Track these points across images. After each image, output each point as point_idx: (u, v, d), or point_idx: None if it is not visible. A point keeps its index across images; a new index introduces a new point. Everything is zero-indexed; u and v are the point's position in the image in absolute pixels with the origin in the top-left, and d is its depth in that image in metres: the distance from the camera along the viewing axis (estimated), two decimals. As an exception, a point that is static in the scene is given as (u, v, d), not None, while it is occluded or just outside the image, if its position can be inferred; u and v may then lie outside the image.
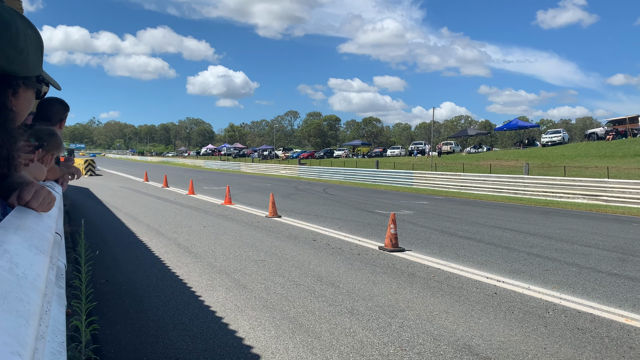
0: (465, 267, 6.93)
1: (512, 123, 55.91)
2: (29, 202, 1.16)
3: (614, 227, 11.63)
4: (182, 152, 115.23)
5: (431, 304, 5.20)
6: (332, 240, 8.97)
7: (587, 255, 8.01)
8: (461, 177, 24.63)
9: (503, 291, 5.77)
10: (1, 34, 1.02)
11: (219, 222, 11.10)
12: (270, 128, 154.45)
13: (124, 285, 5.79)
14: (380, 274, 6.47)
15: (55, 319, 1.62)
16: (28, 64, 1.09)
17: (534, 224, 11.89)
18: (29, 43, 1.09)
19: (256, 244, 8.53)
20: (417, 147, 60.86)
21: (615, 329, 4.52)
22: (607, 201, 17.68)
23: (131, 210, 13.29)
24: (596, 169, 26.34)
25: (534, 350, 3.98)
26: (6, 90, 1.08)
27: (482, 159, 41.85)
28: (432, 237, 9.52)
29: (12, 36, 1.03)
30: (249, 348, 3.91)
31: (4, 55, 1.03)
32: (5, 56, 1.03)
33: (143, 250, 7.89)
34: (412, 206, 15.99)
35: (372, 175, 30.72)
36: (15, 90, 1.10)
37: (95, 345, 3.85)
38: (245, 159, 71.13)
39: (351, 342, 4.08)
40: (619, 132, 41.96)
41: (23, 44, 1.06)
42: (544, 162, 33.70)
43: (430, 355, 3.84)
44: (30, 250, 0.87)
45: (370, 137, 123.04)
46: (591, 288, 5.95)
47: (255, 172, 45.70)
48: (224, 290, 5.59)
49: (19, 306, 0.60)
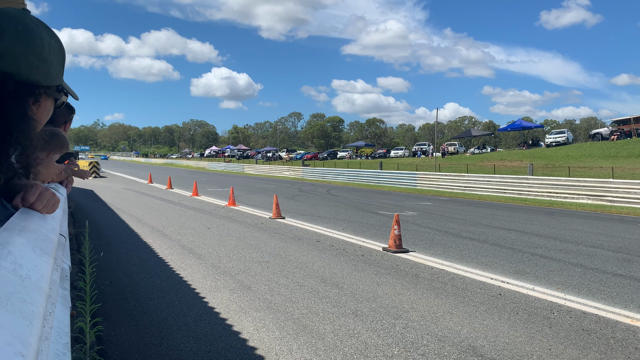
0: (469, 268, 6.92)
1: (516, 124, 55.78)
2: (33, 204, 1.17)
3: (619, 228, 11.57)
4: (186, 153, 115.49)
5: (435, 305, 5.19)
6: (336, 242, 8.97)
7: (591, 255, 7.97)
8: (465, 178, 24.57)
9: (507, 292, 5.75)
10: (27, 43, 1.04)
11: (223, 224, 11.11)
12: (274, 129, 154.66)
13: (128, 286, 5.81)
14: (384, 275, 6.46)
15: (59, 320, 1.62)
16: (50, 74, 1.11)
17: (538, 225, 11.84)
18: (52, 53, 1.11)
19: (260, 245, 8.53)
20: (421, 148, 60.75)
21: (620, 330, 4.50)
22: (611, 201, 17.60)
23: (135, 212, 13.32)
24: (601, 169, 26.23)
25: (539, 351, 3.97)
26: (28, 98, 1.09)
27: (485, 159, 41.76)
28: (436, 238, 9.50)
29: (37, 46, 1.06)
30: (253, 349, 3.91)
31: (28, 64, 1.05)
32: (30, 65, 1.05)
33: (147, 251, 7.90)
34: (416, 207, 15.96)
35: (375, 176, 30.68)
36: (37, 98, 1.12)
37: (99, 346, 3.86)
38: (249, 161, 71.23)
39: (355, 343, 4.07)
40: (623, 132, 41.77)
41: (47, 53, 1.09)
42: (548, 163, 33.58)
43: (434, 356, 3.83)
44: (34, 252, 0.87)
45: (373, 138, 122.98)
46: (596, 289, 5.92)
47: (259, 174, 45.74)
48: (228, 291, 5.60)
49: (22, 307, 0.61)
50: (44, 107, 1.15)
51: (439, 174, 26.85)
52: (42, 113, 1.16)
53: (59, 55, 1.14)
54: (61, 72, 1.18)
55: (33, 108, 1.11)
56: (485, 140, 75.33)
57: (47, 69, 1.09)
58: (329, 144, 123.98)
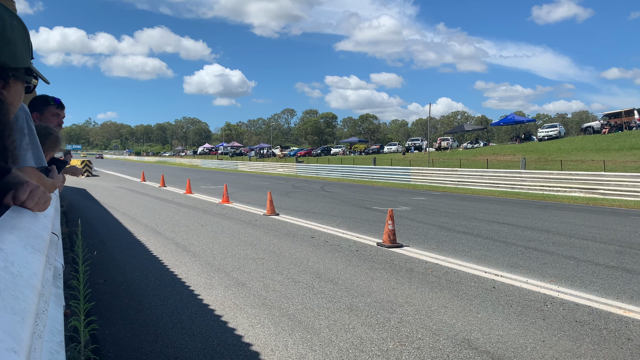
0: (463, 262, 6.95)
1: (509, 118, 55.96)
2: (25, 202, 1.16)
3: (611, 220, 11.67)
4: (178, 151, 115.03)
5: (430, 299, 5.21)
6: (330, 237, 8.98)
7: (584, 248, 8.03)
8: (458, 172, 24.66)
9: (501, 285, 5.79)
10: None
11: (217, 221, 11.09)
12: (267, 126, 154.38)
13: (122, 285, 5.79)
14: (379, 270, 6.48)
15: (53, 318, 1.62)
16: (16, 55, 1.09)
17: (531, 218, 11.92)
18: (15, 34, 1.08)
19: (254, 242, 8.53)
20: (414, 143, 60.86)
21: (613, 321, 4.54)
22: (603, 194, 17.74)
23: (129, 210, 13.27)
24: (592, 162, 26.41)
25: (533, 343, 4.00)
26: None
27: (479, 154, 41.90)
28: (429, 233, 9.54)
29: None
30: (248, 345, 3.91)
31: None
32: None
33: (141, 250, 7.88)
34: (410, 202, 16.01)
35: (369, 172, 30.74)
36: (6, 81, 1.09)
37: (94, 345, 3.85)
38: (243, 158, 71.08)
39: (350, 338, 4.08)
40: (614, 126, 42.06)
41: (10, 34, 1.06)
42: (541, 157, 33.76)
43: (429, 350, 3.85)
44: (25, 249, 0.87)
45: (367, 134, 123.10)
46: (589, 281, 5.97)
47: (253, 171, 45.67)
48: (223, 288, 5.60)
49: (14, 304, 0.60)
50: (14, 90, 1.13)
51: (432, 169, 26.93)
52: (13, 96, 1.14)
53: (22, 35, 1.11)
54: (27, 53, 1.15)
55: (4, 92, 1.09)
56: (478, 134, 75.59)
57: (12, 51, 1.07)
58: (322, 140, 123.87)
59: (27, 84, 1.20)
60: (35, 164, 1.88)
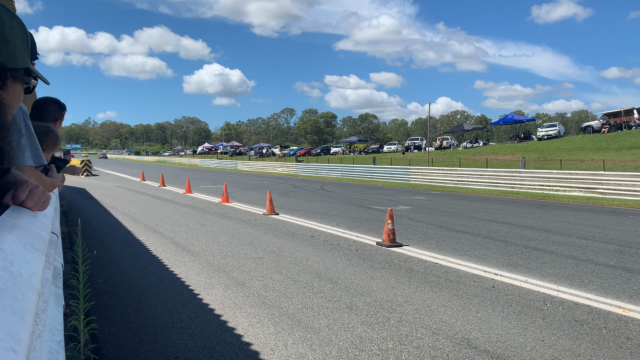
0: (462, 261, 6.95)
1: (508, 117, 55.99)
2: (24, 202, 1.16)
3: (611, 220, 11.68)
4: (178, 151, 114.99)
5: (429, 299, 5.21)
6: (330, 237, 8.98)
7: (584, 247, 8.04)
8: (458, 171, 24.67)
9: (501, 284, 5.79)
10: None
11: (216, 221, 11.09)
12: (267, 126, 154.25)
13: (122, 284, 5.79)
14: (379, 270, 6.48)
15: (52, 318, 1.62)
16: (15, 56, 1.08)
17: (530, 218, 11.92)
18: (14, 34, 1.08)
19: (254, 241, 8.53)
20: (414, 143, 60.86)
21: (612, 320, 4.54)
22: (603, 194, 17.75)
23: (128, 209, 13.27)
24: (592, 162, 26.41)
25: (532, 342, 4.00)
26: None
27: (478, 153, 41.90)
28: (429, 232, 9.54)
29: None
30: (248, 345, 3.91)
31: None
32: None
33: (141, 249, 7.88)
34: (409, 201, 16.01)
35: (369, 171, 30.74)
36: (4, 82, 1.09)
37: (94, 344, 3.85)
38: (242, 157, 71.05)
39: (350, 337, 4.09)
40: (614, 125, 42.07)
41: (9, 35, 1.05)
42: (540, 156, 33.77)
43: (429, 349, 3.85)
44: (25, 249, 0.87)
45: (366, 133, 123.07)
46: (588, 280, 5.98)
47: (252, 170, 45.67)
48: (222, 288, 5.60)
49: (13, 303, 0.60)
50: (12, 91, 1.12)
51: (432, 168, 26.94)
52: (12, 97, 1.13)
53: (22, 36, 1.11)
54: (26, 54, 1.14)
55: (2, 93, 1.09)
56: (478, 134, 75.60)
57: (11, 51, 1.06)
58: (322, 140, 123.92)
59: (27, 84, 1.20)
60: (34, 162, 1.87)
